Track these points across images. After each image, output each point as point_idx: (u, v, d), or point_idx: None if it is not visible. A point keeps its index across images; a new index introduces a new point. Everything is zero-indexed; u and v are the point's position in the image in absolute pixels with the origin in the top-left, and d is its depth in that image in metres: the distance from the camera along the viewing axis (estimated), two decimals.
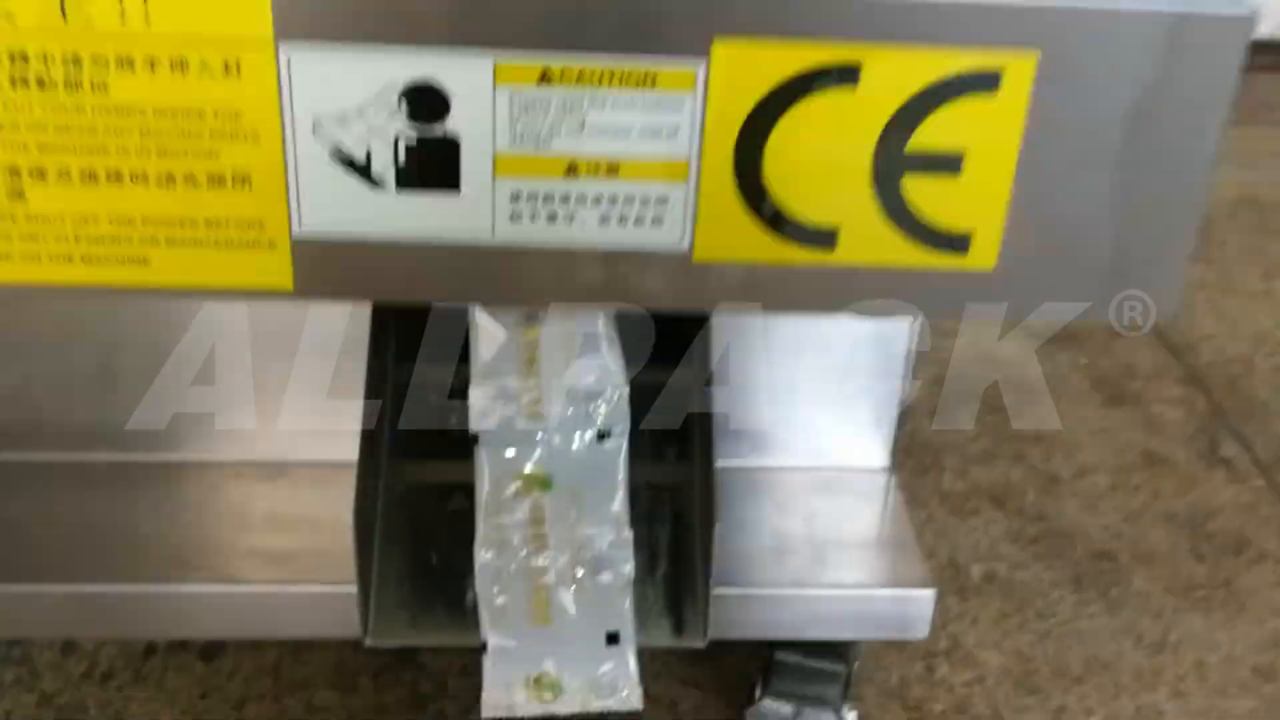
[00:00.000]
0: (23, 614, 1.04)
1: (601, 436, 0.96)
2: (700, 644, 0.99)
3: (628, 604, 0.97)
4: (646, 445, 1.06)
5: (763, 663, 1.16)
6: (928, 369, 1.54)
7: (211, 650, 1.32)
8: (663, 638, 0.99)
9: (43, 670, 1.29)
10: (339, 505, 0.99)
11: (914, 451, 1.67)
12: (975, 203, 0.66)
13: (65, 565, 1.06)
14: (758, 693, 1.11)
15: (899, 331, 1.16)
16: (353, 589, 0.95)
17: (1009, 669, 1.34)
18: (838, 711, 1.10)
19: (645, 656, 1.05)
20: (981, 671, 1.33)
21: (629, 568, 0.96)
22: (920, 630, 1.10)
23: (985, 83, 0.66)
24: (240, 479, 1.16)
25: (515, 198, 0.67)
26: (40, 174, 0.68)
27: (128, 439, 1.15)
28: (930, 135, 0.66)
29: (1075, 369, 1.87)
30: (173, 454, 1.17)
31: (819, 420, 1.19)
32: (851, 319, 1.13)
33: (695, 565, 1.00)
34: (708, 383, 1.03)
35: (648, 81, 0.65)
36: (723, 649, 1.33)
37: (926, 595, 1.08)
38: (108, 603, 1.04)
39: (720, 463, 1.06)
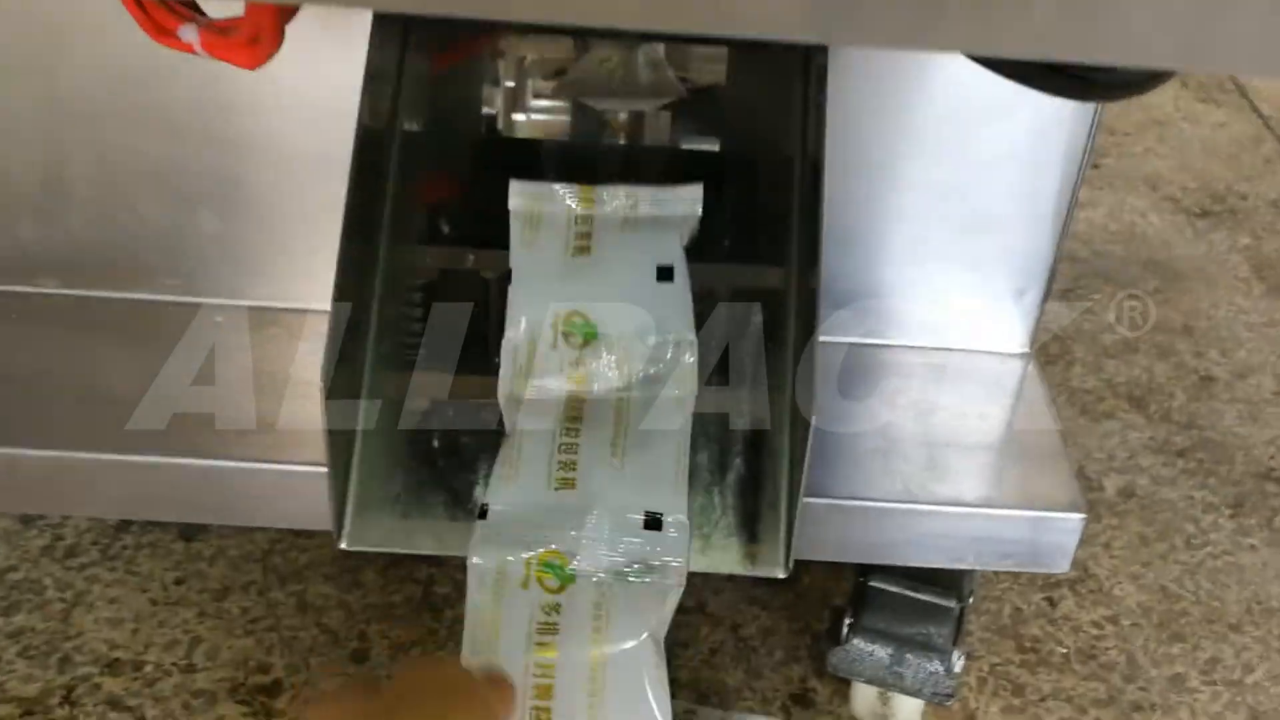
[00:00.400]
0: None
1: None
2: (780, 572, 0.75)
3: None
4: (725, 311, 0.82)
5: (851, 586, 0.92)
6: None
7: (193, 530, 1.12)
8: (731, 562, 0.76)
9: None
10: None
11: (1037, 337, 1.40)
12: None
13: None
14: (844, 629, 0.88)
15: (1054, 177, 0.90)
16: (314, 471, 0.72)
17: (1149, 608, 1.09)
18: (946, 659, 0.86)
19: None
20: (1115, 609, 1.09)
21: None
22: (1059, 563, 0.86)
23: None
24: (216, 324, 0.93)
25: None
26: None
27: (79, 269, 0.94)
28: None
29: (1235, 251, 1.58)
30: (133, 291, 0.95)
31: (944, 287, 0.94)
32: (994, 156, 0.89)
33: (778, 468, 0.76)
34: (811, 231, 0.78)
35: None
36: (799, 563, 1.11)
37: (1072, 521, 0.84)
38: (34, 471, 0.84)
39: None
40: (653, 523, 0.73)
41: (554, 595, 0.72)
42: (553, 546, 0.72)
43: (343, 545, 0.74)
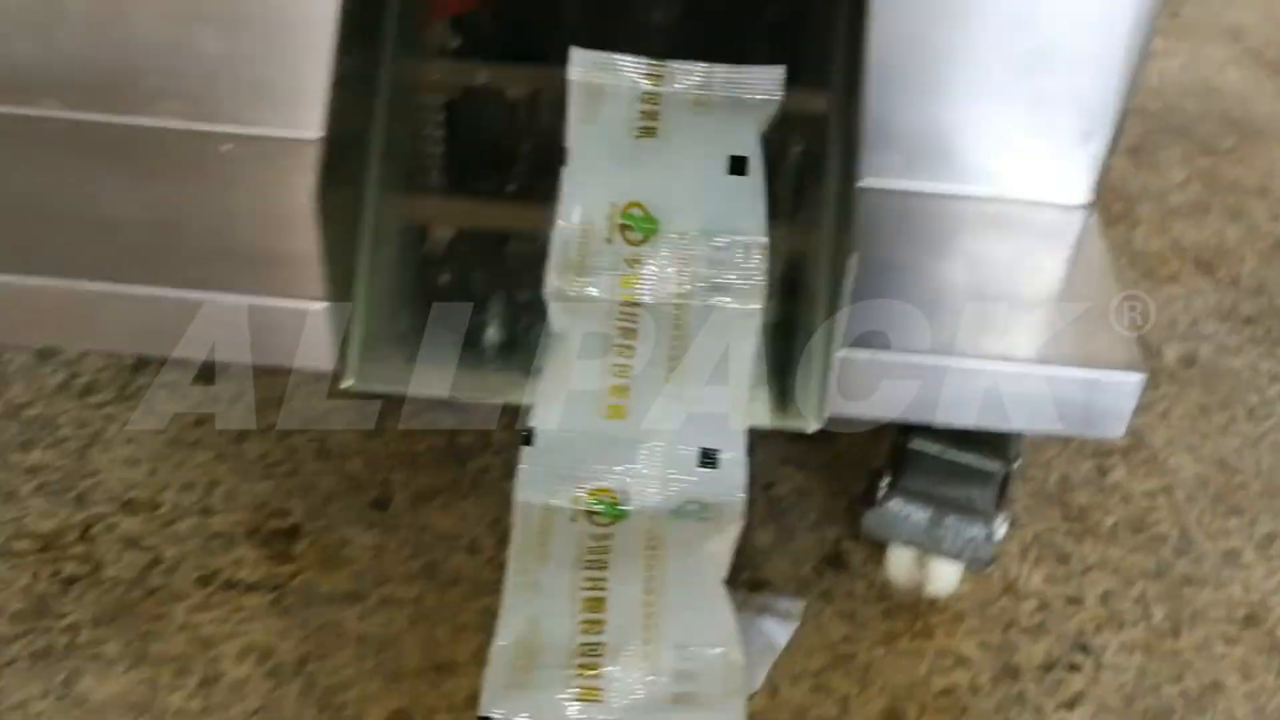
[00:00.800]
0: None
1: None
2: (811, 425, 0.70)
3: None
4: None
5: (890, 447, 0.88)
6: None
7: (212, 371, 1.08)
8: (759, 413, 0.71)
9: (13, 376, 1.08)
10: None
11: (1100, 195, 1.33)
12: None
13: None
14: (882, 489, 0.83)
15: (1128, 5, 0.82)
16: (320, 308, 0.68)
17: (1206, 480, 1.04)
18: (987, 524, 0.82)
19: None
20: (1169, 480, 1.04)
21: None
22: (1114, 427, 0.80)
23: None
24: (213, 149, 0.89)
25: None
26: None
27: (78, 91, 0.89)
28: None
29: None
30: (135, 115, 0.90)
31: (1004, 129, 0.87)
32: None
33: (814, 313, 0.71)
34: (852, 66, 0.71)
35: None
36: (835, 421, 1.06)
37: (1130, 381, 0.78)
38: (21, 299, 0.80)
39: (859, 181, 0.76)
40: (709, 460, 0.70)
41: (604, 528, 0.69)
42: (603, 484, 0.69)
43: (347, 385, 0.70)
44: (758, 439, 1.02)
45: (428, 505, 0.98)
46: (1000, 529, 0.82)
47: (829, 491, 1.00)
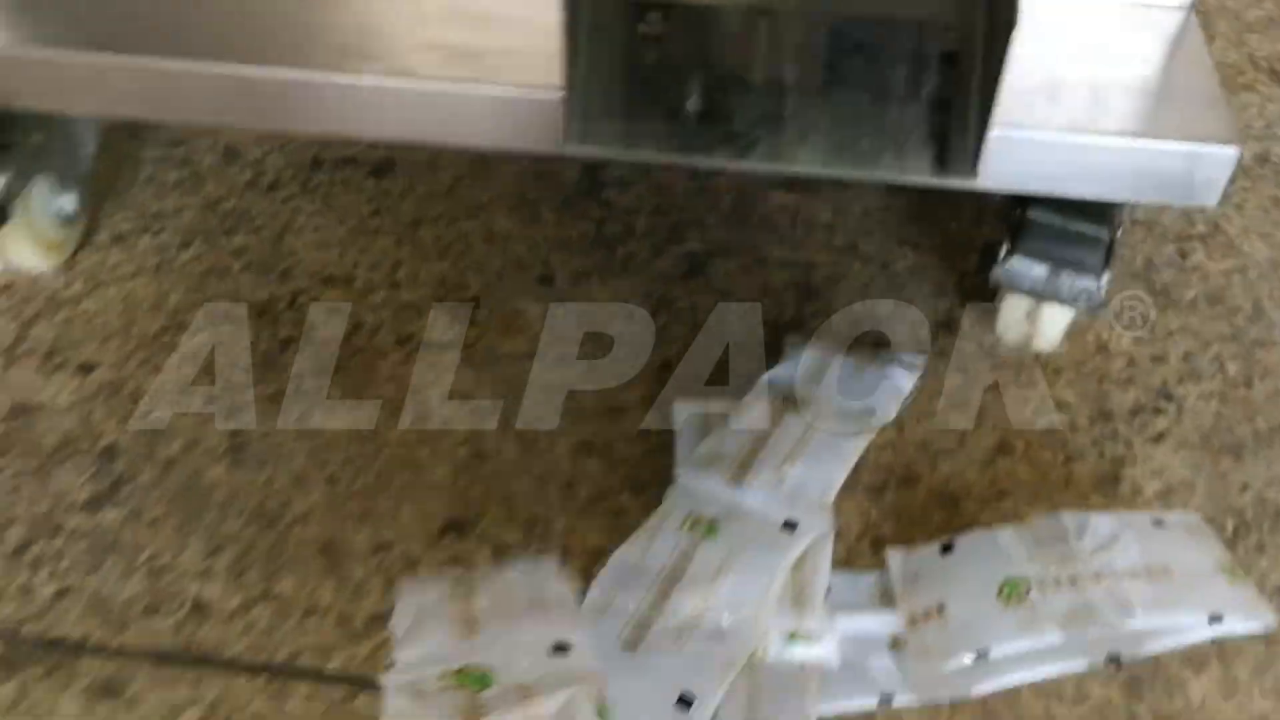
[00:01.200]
0: (175, 95, 0.92)
1: None
2: (971, 178, 0.82)
3: None
4: None
5: (1008, 217, 1.00)
6: None
7: (382, 167, 1.21)
8: (922, 169, 0.83)
9: (206, 175, 1.21)
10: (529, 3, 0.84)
11: None
12: None
13: (222, 44, 0.93)
14: (1003, 252, 0.96)
15: None
16: (548, 95, 0.79)
17: (1277, 262, 1.16)
18: (1097, 276, 0.94)
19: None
20: (1244, 261, 1.16)
21: None
22: (1210, 196, 0.91)
23: None
24: None
25: None
26: None
27: None
28: None
29: None
30: None
31: None
32: None
33: (968, 87, 0.82)
34: None
35: None
36: (944, 209, 1.18)
37: (1226, 154, 0.89)
38: (267, 90, 0.91)
39: None
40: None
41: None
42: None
43: (568, 149, 0.82)
44: (875, 224, 1.15)
45: (586, 282, 1.12)
46: (1105, 283, 0.95)
47: (941, 268, 1.13)
